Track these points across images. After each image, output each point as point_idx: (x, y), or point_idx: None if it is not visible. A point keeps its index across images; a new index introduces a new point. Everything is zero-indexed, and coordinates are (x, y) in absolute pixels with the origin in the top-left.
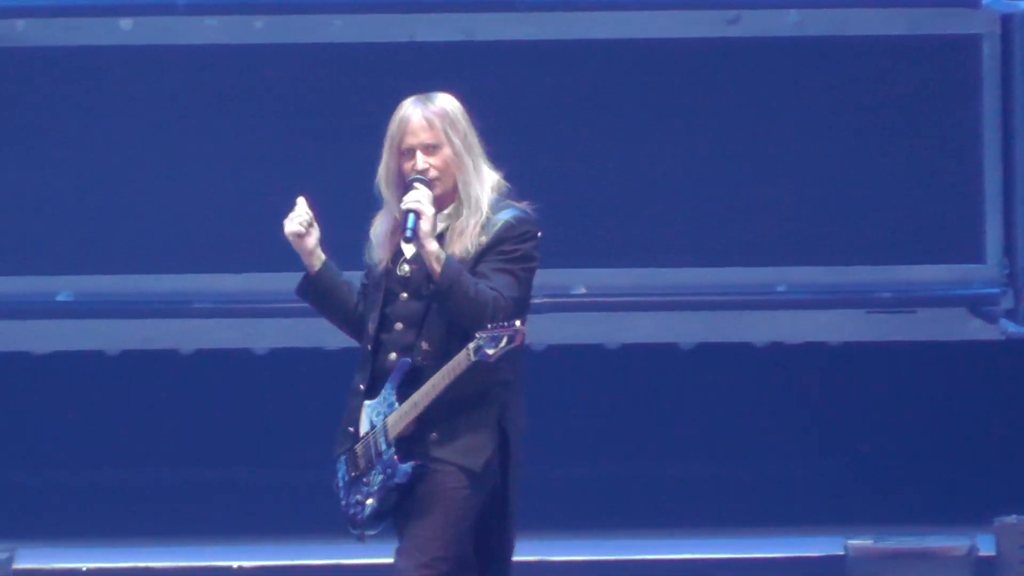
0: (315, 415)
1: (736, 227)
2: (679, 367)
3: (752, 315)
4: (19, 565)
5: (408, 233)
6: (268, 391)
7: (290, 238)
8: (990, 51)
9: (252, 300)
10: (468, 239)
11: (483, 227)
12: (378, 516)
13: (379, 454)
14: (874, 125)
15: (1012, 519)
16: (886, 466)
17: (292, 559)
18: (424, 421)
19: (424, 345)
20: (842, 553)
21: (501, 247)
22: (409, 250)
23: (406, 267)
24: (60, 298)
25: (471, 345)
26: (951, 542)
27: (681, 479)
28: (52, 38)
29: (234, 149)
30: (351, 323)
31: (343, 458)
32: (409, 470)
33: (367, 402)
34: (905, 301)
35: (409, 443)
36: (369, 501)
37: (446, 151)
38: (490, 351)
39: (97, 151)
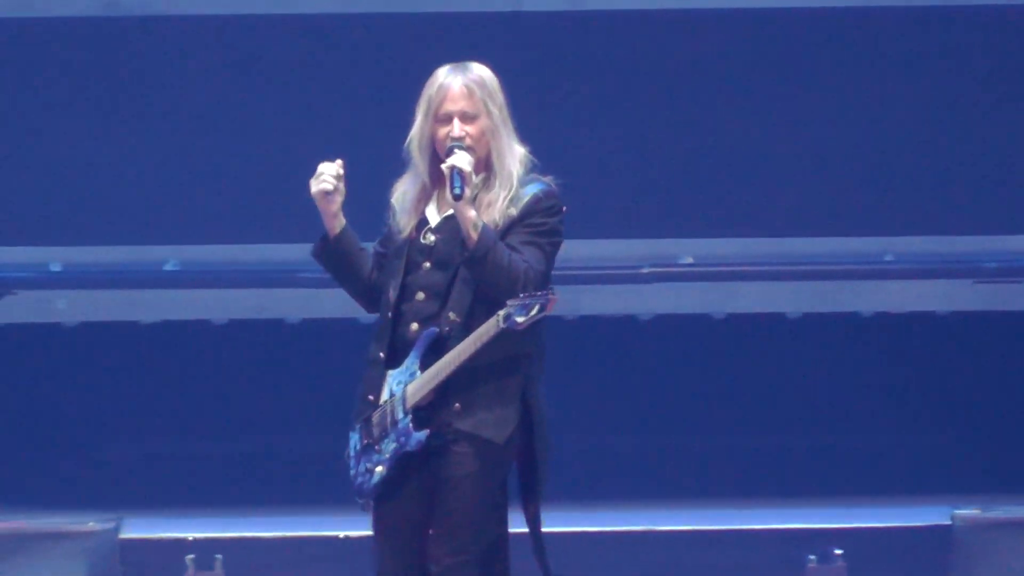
0: None
1: (843, 197)
2: (785, 337)
3: (859, 285)
4: (125, 535)
5: (457, 190)
6: None
7: (316, 196)
8: None
9: None
10: (497, 211)
11: (511, 200)
12: (386, 483)
13: (395, 422)
14: (980, 95)
15: None
16: (992, 435)
17: None
18: (446, 391)
19: (451, 315)
20: (949, 523)
21: (530, 220)
22: (433, 219)
23: (431, 236)
24: (167, 267)
25: (501, 312)
26: None
27: (788, 449)
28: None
29: (331, 120)
30: (365, 291)
31: (358, 427)
32: (423, 439)
33: (390, 371)
34: (1011, 271)
35: (429, 412)
36: (379, 468)
37: (483, 121)
38: (520, 319)
39: (202, 122)
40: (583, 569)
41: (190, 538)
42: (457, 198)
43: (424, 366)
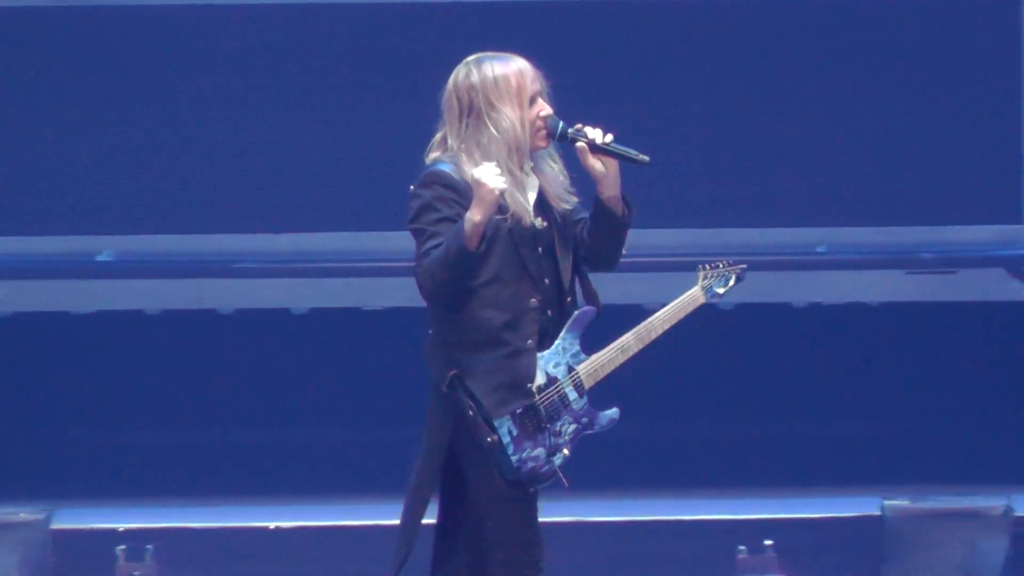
0: (353, 375)
1: (777, 188)
2: (718, 327)
3: (792, 275)
4: (56, 525)
5: (643, 156)
6: (307, 351)
7: (494, 193)
8: None
9: (293, 260)
10: (563, 183)
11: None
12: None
13: (566, 404)
14: (915, 86)
15: None
16: (924, 426)
17: (329, 520)
18: None
19: (568, 300)
20: (879, 513)
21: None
22: (534, 204)
23: (539, 220)
24: (101, 258)
25: (701, 284)
26: (988, 502)
27: (718, 439)
28: None
29: (274, 109)
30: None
31: (510, 415)
32: (616, 416)
33: (539, 354)
34: (946, 261)
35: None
36: (564, 451)
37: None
38: (720, 290)
39: (136, 110)
40: None
41: (121, 528)
42: (644, 161)
43: (584, 345)
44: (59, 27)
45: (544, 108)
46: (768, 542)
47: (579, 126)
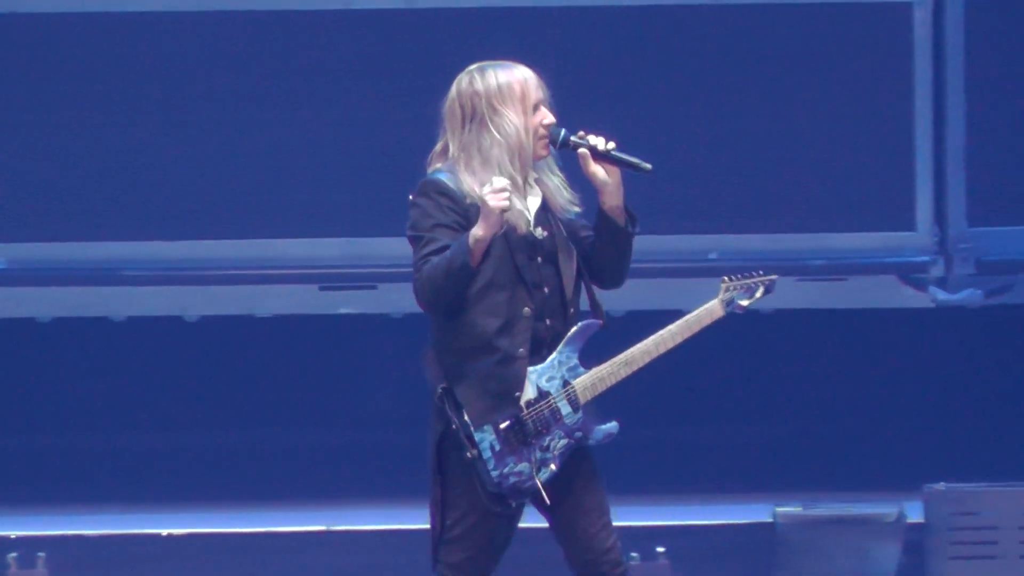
0: (246, 381)
1: (668, 194)
2: (608, 334)
3: (683, 282)
4: None
5: (645, 165)
6: (200, 358)
7: (494, 213)
8: (921, 18)
9: (184, 268)
10: (564, 196)
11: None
12: (553, 480)
13: (558, 419)
14: (806, 92)
15: (940, 486)
16: (816, 433)
17: (220, 527)
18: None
19: (571, 311)
20: (771, 520)
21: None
22: (535, 213)
23: (540, 229)
24: None
25: (721, 297)
26: (880, 509)
27: (610, 446)
28: None
29: (163, 115)
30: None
31: (487, 428)
32: (614, 431)
33: (530, 367)
34: (836, 269)
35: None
36: (551, 467)
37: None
38: (744, 302)
39: (27, 117)
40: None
41: (12, 536)
42: (647, 170)
43: (584, 360)
44: None
45: (547, 116)
46: (660, 549)
47: (581, 133)
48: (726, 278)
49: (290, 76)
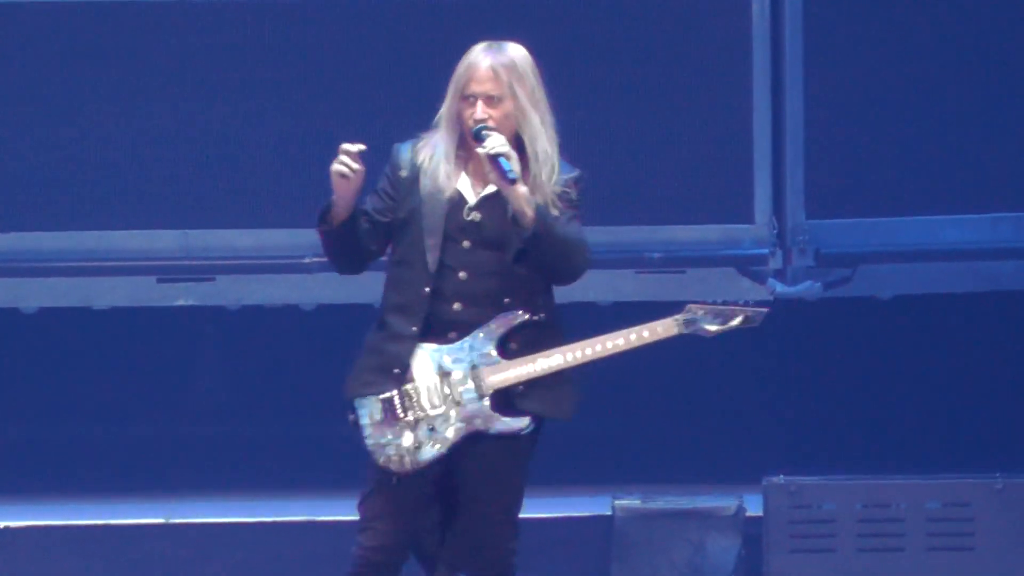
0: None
1: None
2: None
3: None
4: None
5: (512, 175)
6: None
7: (333, 178)
8: (760, 10)
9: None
10: (547, 190)
11: (554, 180)
12: (438, 461)
13: (458, 402)
14: (645, 83)
15: (779, 479)
16: (654, 425)
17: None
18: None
19: (506, 301)
20: (609, 513)
21: (570, 196)
22: (468, 195)
23: (475, 214)
24: None
25: (682, 317)
26: (719, 502)
27: None
28: None
29: (116, 101)
30: (358, 266)
31: (370, 397)
32: (524, 426)
33: (433, 346)
34: (674, 261)
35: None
36: (436, 446)
37: (507, 104)
38: (712, 327)
39: None
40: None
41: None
42: (513, 183)
43: (503, 350)
44: None
45: (476, 111)
46: None
47: (488, 132)
48: (694, 305)
49: (127, 68)
